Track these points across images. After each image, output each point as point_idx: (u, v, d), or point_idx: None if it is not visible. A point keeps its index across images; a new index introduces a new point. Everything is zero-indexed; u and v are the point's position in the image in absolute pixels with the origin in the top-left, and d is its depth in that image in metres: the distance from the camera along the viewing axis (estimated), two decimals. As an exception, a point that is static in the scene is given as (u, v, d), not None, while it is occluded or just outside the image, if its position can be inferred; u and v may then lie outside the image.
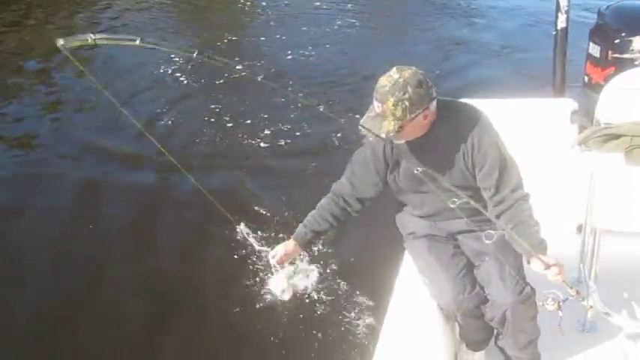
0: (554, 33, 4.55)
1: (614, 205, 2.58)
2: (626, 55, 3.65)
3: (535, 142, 2.58)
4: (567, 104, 3.39)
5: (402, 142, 2.24)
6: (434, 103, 2.18)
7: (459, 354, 2.70)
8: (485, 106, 2.40)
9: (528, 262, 2.24)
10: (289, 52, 8.46)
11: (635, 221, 2.57)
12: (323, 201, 2.52)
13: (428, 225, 2.49)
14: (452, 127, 2.25)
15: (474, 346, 2.64)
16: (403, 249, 2.69)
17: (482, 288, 2.44)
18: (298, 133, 6.24)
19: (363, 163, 2.41)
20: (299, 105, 6.32)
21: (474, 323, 2.52)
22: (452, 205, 2.14)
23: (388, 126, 2.09)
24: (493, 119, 2.30)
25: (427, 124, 2.21)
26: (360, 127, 2.09)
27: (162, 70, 7.86)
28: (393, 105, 2.07)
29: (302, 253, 2.60)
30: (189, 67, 7.77)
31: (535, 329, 2.45)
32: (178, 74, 7.77)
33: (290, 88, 6.94)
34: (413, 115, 2.11)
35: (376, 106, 2.11)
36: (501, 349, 2.56)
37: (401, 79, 2.08)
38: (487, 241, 2.28)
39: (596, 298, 2.65)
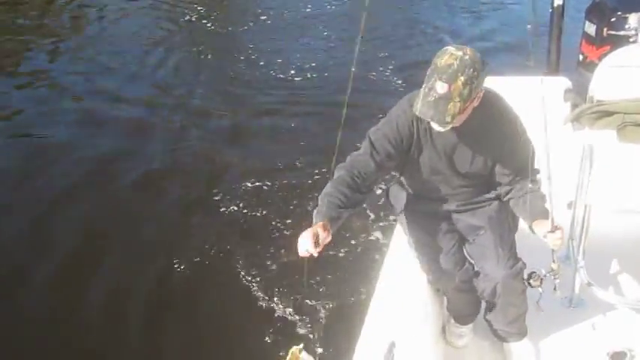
0: (549, 11, 4.54)
1: (606, 183, 2.59)
2: (621, 33, 3.63)
3: (528, 119, 2.56)
4: (561, 82, 3.38)
5: (448, 127, 2.09)
6: None
7: (447, 327, 2.73)
8: None
9: (530, 228, 2.25)
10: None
11: (626, 198, 2.58)
12: (336, 174, 2.23)
13: (423, 201, 2.49)
14: (486, 119, 2.19)
15: (462, 319, 2.67)
16: (395, 224, 2.70)
17: (471, 264, 2.46)
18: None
19: (384, 135, 2.21)
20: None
21: (463, 297, 2.55)
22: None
23: (454, 108, 1.97)
24: None
25: (466, 115, 2.09)
26: (420, 115, 2.00)
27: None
28: (462, 84, 1.95)
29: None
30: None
31: (524, 304, 2.48)
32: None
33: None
34: (475, 96, 2.02)
35: (439, 88, 1.95)
36: (489, 323, 2.59)
37: (467, 57, 1.97)
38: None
39: (584, 273, 2.68)
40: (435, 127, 2.11)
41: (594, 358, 2.50)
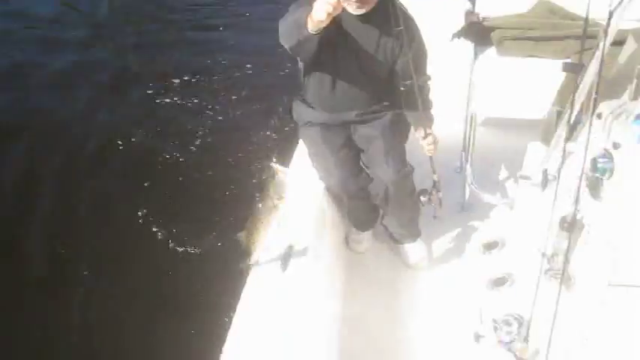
0: None
1: (488, 93, 2.80)
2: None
3: (432, 38, 2.73)
4: (461, 3, 3.55)
5: (362, 11, 2.25)
6: None
7: (348, 235, 2.92)
8: None
9: (416, 130, 2.51)
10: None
11: (507, 107, 2.80)
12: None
13: (324, 115, 2.59)
14: (388, 13, 2.26)
15: (361, 226, 2.86)
16: (297, 139, 2.81)
17: (367, 173, 2.64)
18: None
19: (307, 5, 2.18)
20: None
21: (360, 205, 2.73)
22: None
23: None
24: None
25: None
26: None
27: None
28: None
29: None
30: None
31: (415, 207, 2.69)
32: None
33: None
34: None
35: None
36: (385, 227, 2.80)
37: None
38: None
39: (472, 181, 2.93)
40: (351, 9, 2.22)
41: (473, 250, 2.79)
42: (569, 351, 1.83)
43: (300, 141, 2.77)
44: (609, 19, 1.58)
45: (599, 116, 1.78)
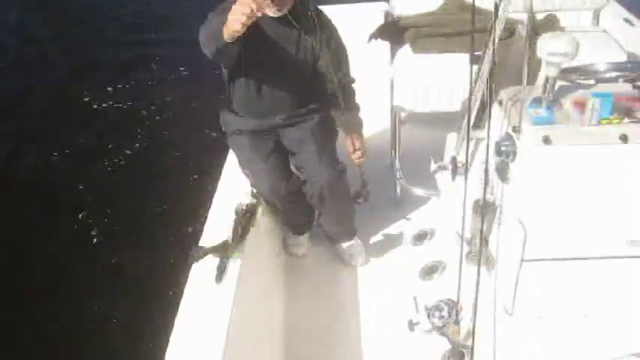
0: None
1: (406, 90, 2.90)
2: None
3: (356, 41, 2.82)
4: (381, 6, 3.66)
5: (281, 13, 2.29)
6: None
7: (286, 240, 2.96)
8: None
9: (345, 138, 2.60)
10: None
11: (428, 103, 2.91)
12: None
13: (252, 122, 2.61)
14: (306, 16, 2.34)
15: (297, 229, 2.90)
16: (227, 149, 2.84)
17: (298, 177, 2.68)
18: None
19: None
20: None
21: (294, 208, 2.77)
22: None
23: None
24: None
25: None
26: None
27: None
28: None
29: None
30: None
31: (350, 205, 2.76)
32: None
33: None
34: None
35: None
36: (322, 227, 2.85)
37: None
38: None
39: (400, 176, 3.03)
40: (271, 13, 2.26)
41: (406, 242, 2.88)
42: (495, 328, 1.93)
43: (230, 150, 2.80)
44: (496, 10, 1.69)
45: (500, 103, 1.89)
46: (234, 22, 1.98)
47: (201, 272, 2.21)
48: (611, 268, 1.77)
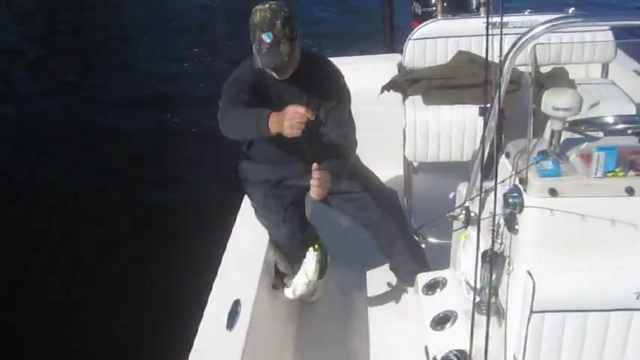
0: (379, -7, 4.96)
1: (418, 140, 2.96)
2: (429, 9, 4.11)
3: (370, 91, 2.90)
4: (395, 57, 3.77)
5: (286, 77, 2.36)
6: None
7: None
8: None
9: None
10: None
11: (436, 152, 2.96)
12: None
13: (268, 170, 2.67)
14: (316, 72, 2.44)
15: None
16: (242, 195, 2.90)
17: (313, 226, 2.71)
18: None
19: (239, 88, 2.40)
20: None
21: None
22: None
23: (285, 48, 2.24)
24: None
25: (298, 57, 2.36)
26: (264, 66, 2.24)
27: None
28: (281, 25, 2.22)
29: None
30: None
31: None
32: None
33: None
34: (297, 33, 2.28)
35: (266, 38, 2.23)
36: (397, 272, 2.87)
37: (274, 5, 2.26)
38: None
39: (413, 222, 3.06)
40: (277, 76, 2.35)
41: (417, 291, 2.87)
42: None
43: (245, 198, 2.85)
44: (502, 63, 1.75)
45: (508, 155, 1.93)
46: (295, 131, 2.05)
47: (213, 317, 2.24)
48: (619, 320, 1.76)
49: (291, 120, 2.05)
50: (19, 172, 5.66)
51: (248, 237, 2.74)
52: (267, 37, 2.23)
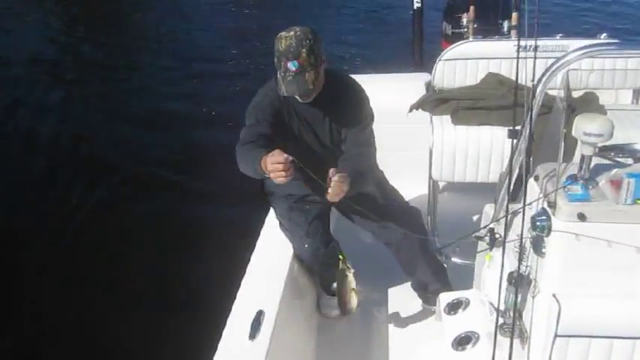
0: (410, 13, 5.01)
1: (445, 159, 2.97)
2: (460, 31, 4.14)
3: (398, 109, 2.92)
4: (423, 77, 3.80)
5: (310, 100, 2.39)
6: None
7: (320, 301, 2.99)
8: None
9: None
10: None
11: (462, 172, 2.97)
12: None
13: (293, 185, 2.62)
14: (340, 95, 2.46)
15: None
16: (267, 209, 2.93)
17: (337, 241, 2.72)
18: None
19: (259, 109, 2.44)
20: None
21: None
22: None
23: (310, 77, 2.27)
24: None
25: (322, 80, 2.38)
26: (288, 94, 2.27)
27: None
28: (307, 54, 2.25)
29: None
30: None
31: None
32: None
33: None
34: (322, 59, 2.31)
35: (291, 66, 2.25)
36: (417, 288, 2.87)
37: (299, 33, 2.27)
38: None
39: (437, 242, 3.05)
40: (301, 100, 2.38)
41: (439, 310, 2.86)
42: None
43: (271, 211, 2.88)
44: (535, 87, 1.76)
45: (537, 178, 1.93)
46: (279, 180, 2.07)
47: (236, 327, 2.26)
48: None
49: (273, 172, 2.06)
50: (48, 184, 5.69)
51: (272, 250, 2.77)
52: (292, 66, 2.26)
